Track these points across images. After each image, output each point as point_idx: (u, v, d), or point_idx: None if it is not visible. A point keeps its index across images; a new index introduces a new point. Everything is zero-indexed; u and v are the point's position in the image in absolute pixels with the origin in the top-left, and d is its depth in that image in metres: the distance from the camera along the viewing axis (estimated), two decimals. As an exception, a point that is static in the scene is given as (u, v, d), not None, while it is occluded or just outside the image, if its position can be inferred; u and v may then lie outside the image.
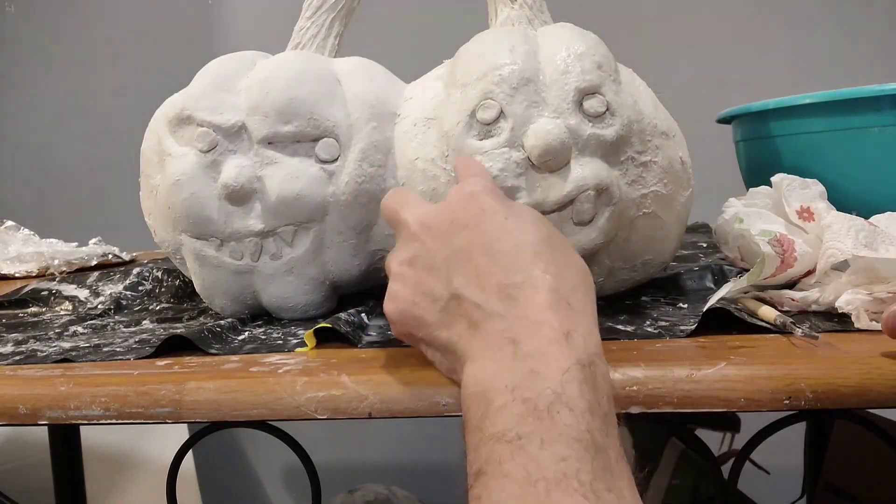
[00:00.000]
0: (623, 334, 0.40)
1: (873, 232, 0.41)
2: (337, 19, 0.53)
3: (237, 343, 0.44)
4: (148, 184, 0.49)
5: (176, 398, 0.36)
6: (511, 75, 0.41)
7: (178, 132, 0.47)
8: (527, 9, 0.47)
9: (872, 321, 0.38)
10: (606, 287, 0.47)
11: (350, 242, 0.47)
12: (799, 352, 0.35)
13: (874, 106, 0.51)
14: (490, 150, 0.41)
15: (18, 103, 1.43)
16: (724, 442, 0.86)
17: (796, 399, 0.32)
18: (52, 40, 1.40)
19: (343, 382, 0.35)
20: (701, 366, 0.33)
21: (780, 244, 0.43)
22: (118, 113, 1.35)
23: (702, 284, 0.52)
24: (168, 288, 0.62)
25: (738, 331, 0.39)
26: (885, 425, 0.43)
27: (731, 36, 1.19)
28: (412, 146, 0.45)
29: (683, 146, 0.47)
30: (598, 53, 0.43)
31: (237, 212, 0.46)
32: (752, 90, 0.76)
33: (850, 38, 1.15)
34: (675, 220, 0.46)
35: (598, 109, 0.41)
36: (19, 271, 0.78)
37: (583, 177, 0.40)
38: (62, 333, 0.50)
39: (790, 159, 0.56)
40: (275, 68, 0.47)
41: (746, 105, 0.60)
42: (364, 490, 1.14)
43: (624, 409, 0.33)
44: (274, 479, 1.40)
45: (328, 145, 0.45)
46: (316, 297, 0.48)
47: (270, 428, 0.40)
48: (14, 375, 0.39)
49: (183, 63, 0.65)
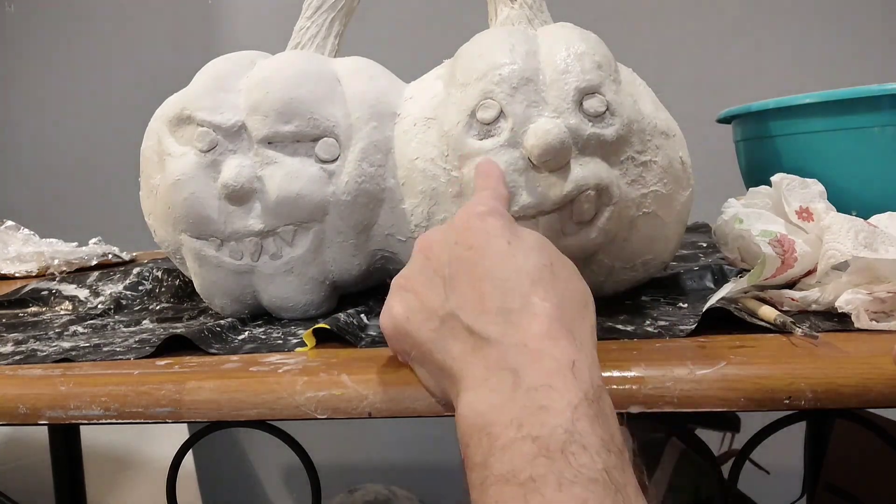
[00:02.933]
0: (623, 334, 0.40)
1: (873, 232, 0.41)
2: (337, 19, 0.53)
3: (237, 343, 0.44)
4: (148, 184, 0.49)
5: (176, 398, 0.36)
6: (511, 75, 0.41)
7: (177, 132, 0.47)
8: (527, 8, 0.47)
9: (872, 321, 0.38)
10: (606, 287, 0.47)
11: (350, 242, 0.47)
12: (799, 352, 0.35)
13: (874, 106, 0.51)
14: (490, 149, 0.41)
15: (18, 103, 1.43)
16: (724, 442, 0.86)
17: (796, 399, 0.32)
18: (52, 40, 1.40)
19: (343, 382, 0.35)
20: (701, 366, 0.33)
21: (781, 244, 0.43)
22: (118, 113, 1.35)
23: (702, 284, 0.52)
24: (168, 288, 0.62)
25: (738, 331, 0.39)
26: (885, 425, 0.44)
27: (731, 36, 1.19)
28: (412, 146, 0.45)
29: (683, 146, 0.47)
30: (598, 53, 0.43)
31: (237, 212, 0.46)
32: (752, 90, 0.76)
33: (850, 38, 1.15)
34: (675, 220, 0.46)
35: (598, 109, 0.41)
36: (19, 271, 0.78)
37: (583, 176, 0.40)
38: (62, 333, 0.50)
39: (790, 159, 0.56)
40: (275, 68, 0.47)
41: (746, 105, 0.60)
42: (364, 490, 1.14)
43: (624, 409, 0.33)
44: (274, 479, 1.40)
45: (328, 145, 0.45)
46: (316, 297, 0.48)
47: (270, 428, 0.40)
48: (14, 375, 0.39)
49: (183, 63, 0.65)
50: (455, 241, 0.33)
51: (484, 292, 0.31)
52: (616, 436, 0.27)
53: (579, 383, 0.27)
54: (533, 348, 0.28)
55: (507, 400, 0.27)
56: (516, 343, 0.29)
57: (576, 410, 0.26)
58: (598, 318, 0.43)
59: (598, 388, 0.28)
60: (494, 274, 0.31)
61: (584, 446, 0.25)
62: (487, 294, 0.30)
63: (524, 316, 0.29)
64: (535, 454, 0.25)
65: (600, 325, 0.42)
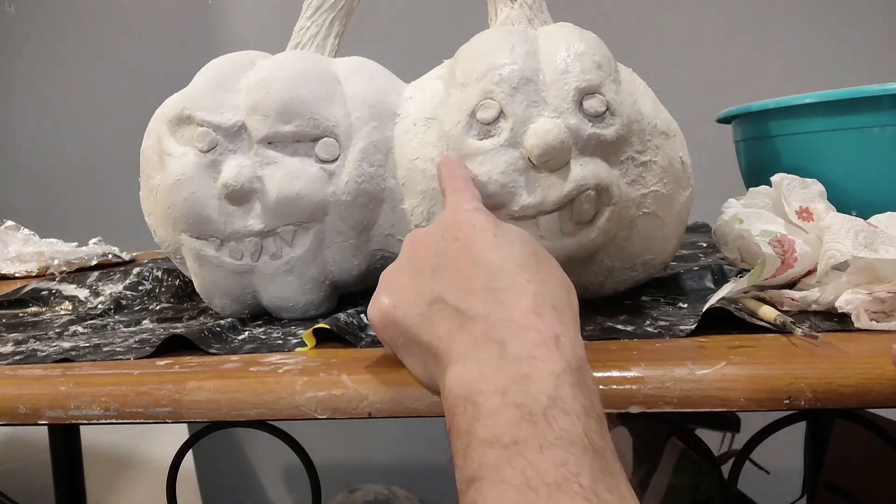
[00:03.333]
0: (623, 334, 0.40)
1: (873, 232, 0.41)
2: (337, 19, 0.53)
3: (237, 343, 0.44)
4: (148, 184, 0.49)
5: (176, 398, 0.36)
6: (511, 75, 0.41)
7: (178, 132, 0.47)
8: (527, 8, 0.47)
9: (872, 321, 0.38)
10: (606, 287, 0.47)
11: (350, 242, 0.47)
12: (799, 352, 0.35)
13: (874, 106, 0.51)
14: (490, 149, 0.41)
15: (18, 103, 1.43)
16: (724, 442, 0.86)
17: (796, 399, 0.32)
18: (52, 40, 1.40)
19: (343, 382, 0.35)
20: (701, 366, 0.33)
21: (781, 245, 0.43)
22: (118, 113, 1.35)
23: (702, 284, 0.52)
24: (168, 288, 0.62)
25: (738, 331, 0.39)
26: (886, 425, 0.44)
27: (731, 36, 1.19)
28: (412, 146, 0.45)
29: (683, 146, 0.47)
30: (598, 53, 0.43)
31: (237, 212, 0.46)
32: (752, 90, 0.76)
33: (850, 38, 1.15)
34: (675, 220, 0.46)
35: (598, 109, 0.41)
36: (19, 271, 0.79)
37: (583, 176, 0.40)
38: (62, 333, 0.50)
39: (790, 159, 0.56)
40: (275, 68, 0.47)
41: (746, 105, 0.60)
42: (364, 490, 1.14)
43: (624, 409, 0.33)
44: (274, 479, 1.40)
45: (328, 145, 0.45)
46: (316, 297, 0.48)
47: (270, 428, 0.40)
48: (14, 375, 0.39)
49: (183, 63, 0.66)
50: (441, 235, 0.34)
51: (471, 275, 0.31)
52: (596, 404, 0.27)
53: (562, 354, 0.28)
54: (519, 322, 0.29)
55: (493, 370, 0.28)
56: (503, 318, 0.29)
57: (558, 378, 0.27)
58: (598, 318, 0.43)
59: (580, 360, 0.28)
60: (481, 259, 0.32)
61: (565, 411, 0.26)
62: (474, 276, 0.31)
63: (510, 293, 0.30)
64: (519, 419, 0.26)
65: (600, 325, 0.42)
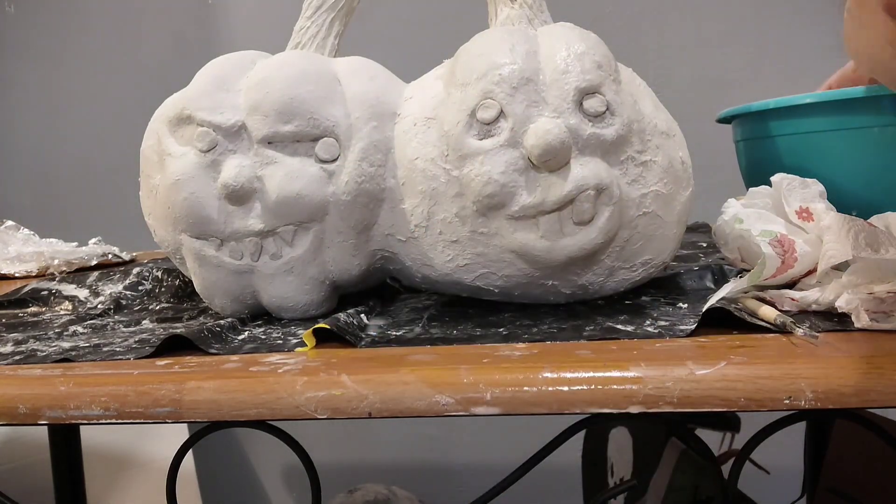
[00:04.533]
0: (623, 334, 0.40)
1: (873, 232, 0.41)
2: (337, 19, 0.53)
3: (237, 343, 0.44)
4: (148, 183, 0.49)
5: (176, 398, 0.36)
6: (511, 75, 0.41)
7: (177, 132, 0.47)
8: (527, 8, 0.47)
9: (872, 321, 0.38)
10: (606, 287, 0.47)
11: (350, 242, 0.47)
12: (799, 352, 0.34)
13: (874, 106, 0.51)
14: (490, 149, 0.41)
15: (18, 103, 1.43)
16: (724, 442, 0.86)
17: (796, 399, 0.32)
18: (52, 40, 1.40)
19: (343, 382, 0.35)
20: (701, 366, 0.33)
21: (781, 245, 0.43)
22: (118, 113, 1.35)
23: (702, 284, 0.52)
24: (168, 288, 0.62)
25: (738, 331, 0.39)
26: (886, 425, 0.43)
27: (731, 36, 1.19)
28: (412, 146, 0.45)
29: (683, 146, 0.47)
30: (598, 53, 0.43)
31: (237, 211, 0.46)
32: (752, 90, 0.76)
33: (850, 39, 1.15)
34: (675, 220, 0.46)
35: (598, 109, 0.41)
36: (19, 271, 0.79)
37: (583, 176, 0.40)
38: (62, 333, 0.50)
39: (790, 159, 0.56)
40: (275, 68, 0.47)
41: (746, 105, 0.60)
42: (364, 490, 1.14)
43: (624, 409, 0.33)
44: (274, 479, 1.40)
45: (328, 145, 0.45)
46: (316, 296, 0.48)
47: (270, 428, 0.40)
48: (14, 375, 0.39)
49: (183, 63, 0.66)
50: None
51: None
52: None
53: None
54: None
55: None
56: None
57: None
58: (598, 318, 0.43)
59: None
60: None
61: None
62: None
63: None
64: None
65: (600, 325, 0.42)
